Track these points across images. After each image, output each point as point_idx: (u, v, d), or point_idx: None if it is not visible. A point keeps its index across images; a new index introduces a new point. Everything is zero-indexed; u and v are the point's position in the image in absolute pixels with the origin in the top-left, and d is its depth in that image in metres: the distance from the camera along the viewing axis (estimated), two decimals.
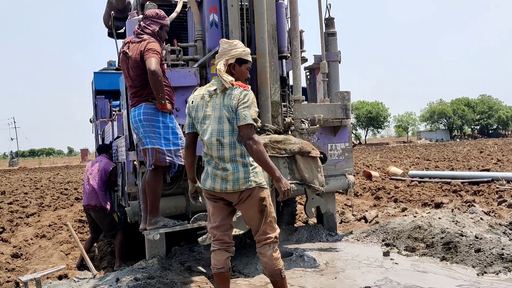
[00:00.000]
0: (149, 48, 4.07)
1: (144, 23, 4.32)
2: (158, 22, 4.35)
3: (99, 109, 9.94)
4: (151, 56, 4.00)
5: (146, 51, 4.05)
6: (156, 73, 3.94)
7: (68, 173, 31.66)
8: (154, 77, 3.95)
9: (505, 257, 4.32)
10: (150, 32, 4.28)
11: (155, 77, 3.94)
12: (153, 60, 3.98)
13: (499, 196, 9.23)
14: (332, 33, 5.88)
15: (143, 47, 4.11)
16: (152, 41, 4.18)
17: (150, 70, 3.94)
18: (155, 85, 3.97)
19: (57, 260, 6.31)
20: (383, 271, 4.36)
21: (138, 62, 4.12)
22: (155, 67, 3.95)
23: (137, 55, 4.13)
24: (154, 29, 4.31)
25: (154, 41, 4.20)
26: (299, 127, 5.26)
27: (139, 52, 4.12)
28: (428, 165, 18.27)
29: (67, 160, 74.78)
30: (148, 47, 4.08)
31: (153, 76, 3.94)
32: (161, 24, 4.37)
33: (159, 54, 4.10)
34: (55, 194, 15.42)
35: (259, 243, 3.29)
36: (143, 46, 4.12)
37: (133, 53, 4.17)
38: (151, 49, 4.06)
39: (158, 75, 3.95)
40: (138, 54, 4.12)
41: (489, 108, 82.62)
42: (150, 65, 3.95)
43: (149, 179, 4.21)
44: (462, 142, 52.61)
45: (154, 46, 4.11)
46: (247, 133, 3.11)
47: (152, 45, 4.11)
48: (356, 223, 7.77)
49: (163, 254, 4.93)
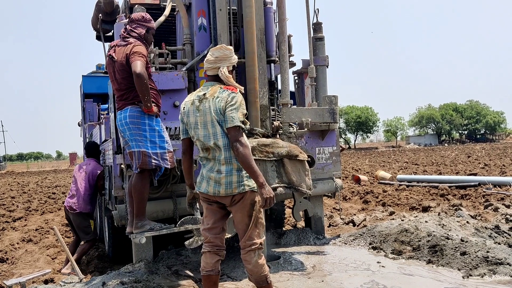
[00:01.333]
0: (134, 51, 4.08)
1: (130, 26, 4.32)
2: (144, 25, 4.35)
3: (87, 113, 9.88)
4: (137, 59, 4.00)
5: (132, 54, 4.05)
6: (142, 75, 3.94)
7: (56, 177, 31.39)
8: (139, 80, 3.95)
9: (490, 260, 4.37)
10: (137, 35, 4.28)
11: (140, 80, 3.95)
12: (139, 63, 3.98)
13: (485, 200, 9.32)
14: (320, 37, 5.92)
15: (128, 50, 4.11)
16: (138, 44, 4.18)
17: (136, 73, 3.94)
18: (141, 88, 3.97)
19: (44, 265, 6.25)
20: (369, 274, 4.38)
21: (124, 65, 4.12)
22: (140, 70, 3.95)
23: (123, 58, 4.13)
24: (140, 32, 4.31)
25: (140, 44, 4.20)
26: (287, 130, 5.29)
27: (124, 56, 4.12)
28: (416, 169, 18.40)
29: (56, 164, 74.15)
30: (134, 50, 4.09)
31: (138, 79, 3.95)
32: (147, 27, 4.37)
33: (144, 57, 4.10)
34: (42, 198, 15.27)
35: (244, 249, 3.27)
36: (129, 49, 4.12)
37: (119, 56, 4.16)
38: (136, 52, 4.07)
39: (144, 77, 3.95)
40: (124, 57, 4.12)
41: (477, 113, 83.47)
42: (136, 68, 3.96)
43: (135, 183, 4.20)
44: (450, 147, 53.08)
45: (140, 49, 4.12)
46: (235, 135, 3.12)
47: (138, 48, 4.12)
48: (344, 226, 7.80)
49: (150, 258, 4.91)
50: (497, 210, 7.99)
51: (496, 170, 15.62)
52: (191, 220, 4.13)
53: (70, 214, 6.06)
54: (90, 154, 6.37)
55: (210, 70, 3.33)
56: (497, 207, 8.15)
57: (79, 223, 6.02)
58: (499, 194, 9.83)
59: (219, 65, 3.30)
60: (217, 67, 3.30)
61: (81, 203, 5.95)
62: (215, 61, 3.30)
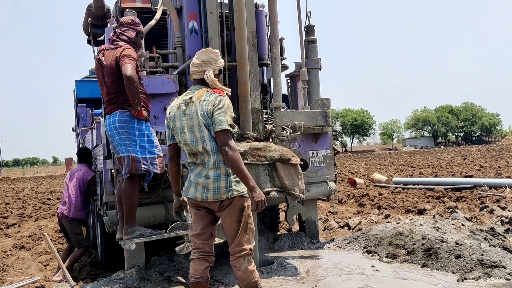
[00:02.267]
0: (125, 54, 4.04)
1: (120, 30, 4.28)
2: (134, 29, 4.32)
3: (81, 118, 9.82)
4: (127, 62, 3.96)
5: (122, 57, 4.01)
6: (132, 78, 3.90)
7: (52, 182, 31.23)
8: (129, 83, 3.90)
9: (485, 263, 4.33)
10: (127, 38, 4.25)
11: (130, 83, 3.90)
12: (129, 66, 3.94)
13: (481, 202, 9.29)
14: (312, 40, 5.90)
15: (118, 53, 4.07)
16: (128, 47, 4.15)
17: (126, 75, 3.90)
18: (131, 91, 3.93)
19: (35, 272, 6.16)
20: (363, 279, 4.33)
21: (114, 68, 4.08)
22: (131, 73, 3.91)
23: (112, 61, 4.09)
24: (130, 36, 4.28)
25: (130, 48, 4.17)
26: (280, 134, 5.25)
27: (114, 59, 4.07)
28: (413, 172, 18.39)
29: (52, 170, 73.78)
30: (124, 53, 4.05)
31: (129, 81, 3.90)
32: (137, 31, 4.34)
33: (134, 60, 4.06)
34: (37, 204, 15.16)
35: (233, 256, 3.21)
36: (118, 52, 4.08)
37: (108, 59, 4.12)
38: (127, 55, 4.03)
39: (134, 80, 3.91)
40: (113, 60, 4.08)
41: (472, 115, 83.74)
42: (126, 71, 3.91)
43: (124, 188, 4.14)
44: (446, 149, 53.15)
45: (130, 53, 4.08)
46: (223, 139, 3.07)
47: (128, 52, 4.08)
48: (340, 230, 7.75)
49: (142, 264, 4.85)
50: (493, 212, 7.96)
51: (492, 172, 15.62)
52: (182, 225, 4.08)
53: (63, 220, 5.99)
54: (82, 159, 6.31)
55: (196, 73, 3.29)
56: (492, 209, 8.12)
57: (72, 230, 5.95)
58: (495, 196, 9.80)
59: (205, 68, 3.25)
60: (203, 71, 3.25)
61: (73, 209, 5.88)
62: (201, 64, 3.26)
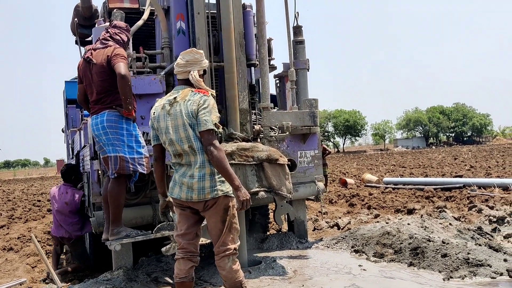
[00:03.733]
0: (117, 53, 4.05)
1: (114, 31, 4.29)
2: (127, 34, 4.39)
3: (70, 119, 9.76)
4: (120, 61, 3.98)
5: (114, 56, 4.02)
6: (126, 77, 3.92)
7: (43, 184, 31.04)
8: (123, 81, 3.92)
9: (470, 262, 4.36)
10: (119, 40, 4.27)
11: (124, 81, 3.92)
12: (122, 65, 3.96)
13: (469, 202, 9.37)
14: (300, 41, 5.91)
15: (110, 52, 4.07)
16: (118, 47, 4.16)
17: (120, 74, 3.91)
18: (124, 89, 3.93)
19: (23, 273, 6.12)
20: (351, 278, 4.35)
21: (105, 67, 4.07)
22: (125, 72, 3.93)
23: (103, 60, 4.08)
24: (123, 39, 4.33)
25: (121, 48, 4.18)
26: (268, 134, 5.25)
27: (105, 58, 4.07)
28: (403, 172, 18.48)
29: (43, 171, 73.30)
30: (116, 52, 4.06)
31: (123, 80, 3.91)
32: (128, 37, 4.41)
33: (126, 60, 4.08)
34: (27, 206, 15.06)
35: (218, 255, 3.21)
36: (110, 51, 4.08)
37: (99, 58, 4.11)
38: (119, 54, 4.05)
39: (128, 79, 3.94)
40: (104, 59, 4.07)
41: (463, 115, 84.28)
42: (120, 70, 3.92)
43: (111, 188, 4.13)
44: (437, 149, 53.46)
45: (122, 52, 4.11)
46: (208, 139, 3.08)
47: (119, 51, 4.10)
48: (329, 230, 7.77)
49: (130, 265, 4.83)
50: (481, 211, 8.03)
51: (482, 172, 15.74)
52: (168, 226, 4.07)
53: (65, 242, 5.99)
54: (66, 179, 6.24)
55: (180, 74, 3.29)
56: (481, 209, 8.19)
57: (76, 250, 6.01)
58: (484, 196, 9.89)
59: (189, 69, 3.26)
60: (187, 71, 3.26)
61: (73, 231, 5.90)
62: (186, 65, 3.26)
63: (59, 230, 5.95)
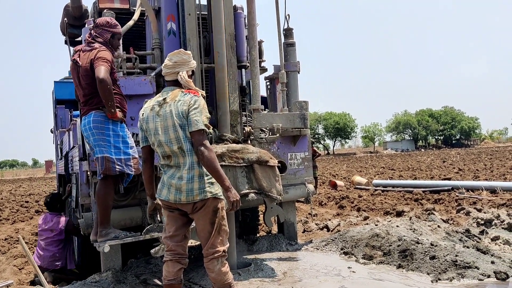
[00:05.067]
0: (99, 56, 4.01)
1: (95, 31, 4.25)
2: (109, 31, 4.29)
3: (59, 119, 9.68)
4: (100, 65, 3.94)
5: (96, 59, 3.99)
6: (105, 81, 3.88)
7: (31, 185, 30.75)
8: (102, 85, 3.89)
9: (458, 264, 4.39)
10: (102, 40, 4.22)
11: (103, 85, 3.88)
12: (102, 69, 3.92)
13: (458, 204, 9.44)
14: (291, 43, 5.92)
15: (93, 55, 4.05)
16: (102, 49, 4.12)
17: (99, 78, 3.88)
18: (104, 93, 3.91)
19: (9, 275, 6.06)
20: (340, 280, 4.36)
21: (88, 70, 4.05)
22: (104, 75, 3.89)
23: (87, 63, 4.06)
24: (106, 38, 4.26)
25: (105, 50, 4.14)
26: (259, 136, 5.25)
27: (89, 61, 4.05)
28: (393, 175, 18.59)
29: (31, 172, 72.59)
30: (98, 55, 4.02)
31: (101, 84, 3.89)
32: (112, 32, 4.31)
33: (109, 63, 4.03)
34: (14, 207, 14.91)
35: (207, 258, 3.20)
36: (93, 54, 4.06)
37: (84, 61, 4.10)
38: (100, 57, 4.00)
39: (107, 83, 3.89)
40: (88, 62, 4.06)
41: (452, 119, 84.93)
42: (99, 74, 3.89)
43: (98, 189, 4.11)
44: (426, 152, 53.85)
45: (104, 55, 4.06)
46: (199, 139, 3.07)
47: (102, 54, 4.05)
48: (319, 232, 7.79)
49: (119, 267, 4.80)
50: (469, 214, 8.09)
51: (470, 175, 15.87)
52: (157, 228, 4.05)
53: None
54: (51, 208, 6.20)
55: (168, 75, 3.28)
56: (469, 211, 8.25)
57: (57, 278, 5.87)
58: (472, 198, 9.97)
59: (178, 69, 3.25)
60: (176, 72, 3.25)
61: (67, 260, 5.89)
62: (174, 66, 3.25)
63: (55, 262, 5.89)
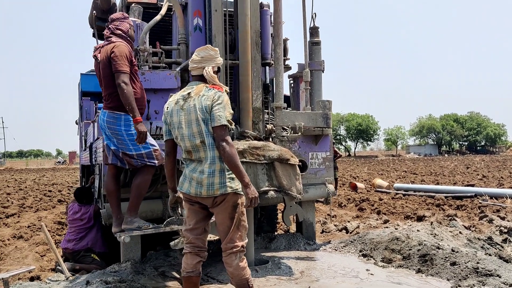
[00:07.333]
0: (116, 55, 4.04)
1: (114, 25, 4.30)
2: (126, 22, 4.37)
3: (84, 111, 9.85)
4: (118, 69, 4.00)
5: (112, 58, 4.03)
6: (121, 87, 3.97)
7: (54, 175, 31.39)
8: (120, 90, 3.98)
9: (479, 271, 4.31)
10: (121, 32, 4.28)
11: (121, 90, 3.98)
12: (121, 75, 3.99)
13: (480, 211, 9.28)
14: (317, 42, 5.90)
15: (110, 48, 4.10)
16: (118, 44, 4.14)
17: (118, 83, 3.98)
18: (123, 99, 3.99)
19: (32, 261, 6.20)
20: (358, 282, 4.33)
21: (106, 64, 4.10)
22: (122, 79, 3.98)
23: (104, 57, 4.12)
24: (125, 28, 4.32)
25: (121, 44, 4.17)
26: (280, 134, 5.25)
27: (106, 54, 4.11)
28: (415, 179, 18.36)
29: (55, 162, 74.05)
30: (114, 50, 4.05)
31: (119, 88, 3.98)
32: (128, 23, 4.38)
33: (126, 60, 4.06)
34: (38, 195, 15.24)
35: (225, 252, 3.22)
36: (110, 48, 4.10)
37: (102, 56, 4.16)
38: (117, 56, 4.03)
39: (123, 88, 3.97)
40: (105, 56, 4.11)
41: (477, 124, 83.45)
42: (117, 80, 3.99)
43: (135, 178, 4.23)
44: (450, 158, 53.02)
45: (120, 51, 4.07)
46: (221, 134, 3.09)
47: (117, 49, 4.07)
48: (337, 233, 7.75)
49: (138, 258, 4.86)
50: (492, 221, 7.95)
51: (494, 182, 15.57)
52: (178, 220, 4.09)
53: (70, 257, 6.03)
54: (79, 200, 6.29)
55: (195, 70, 3.31)
56: (492, 219, 8.11)
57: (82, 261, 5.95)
58: (495, 206, 9.78)
59: (204, 65, 3.27)
60: (202, 67, 3.28)
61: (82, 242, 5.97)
62: (201, 61, 3.28)
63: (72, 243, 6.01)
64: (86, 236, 5.94)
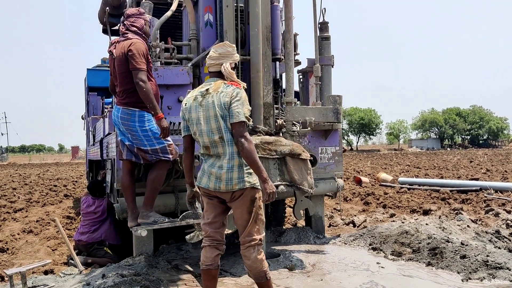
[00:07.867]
0: (133, 52, 4.06)
1: (129, 21, 4.32)
2: (141, 18, 4.39)
3: (91, 106, 9.91)
4: (136, 67, 4.03)
5: (130, 56, 4.05)
6: (139, 85, 4.00)
7: (58, 170, 31.46)
8: (139, 88, 4.02)
9: (489, 264, 4.36)
10: (136, 29, 4.30)
11: (139, 88, 4.01)
12: (138, 73, 4.02)
13: (486, 205, 9.31)
14: (326, 37, 5.92)
15: (127, 45, 4.12)
16: (135, 41, 4.17)
17: (136, 81, 4.02)
18: (145, 97, 4.02)
19: (44, 256, 6.26)
20: (369, 275, 4.38)
21: (123, 60, 4.13)
22: (140, 77, 4.00)
23: (121, 54, 4.14)
24: (141, 24, 4.34)
25: (138, 41, 4.19)
26: (291, 129, 5.29)
27: (123, 51, 4.13)
28: (418, 173, 18.37)
29: (58, 157, 74.22)
30: (132, 50, 4.07)
31: (138, 86, 4.02)
32: (144, 19, 4.41)
33: (143, 57, 4.09)
34: (43, 190, 15.30)
35: (243, 245, 3.27)
36: (127, 44, 4.13)
37: (118, 51, 4.18)
38: (134, 54, 4.05)
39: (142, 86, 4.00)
40: (122, 53, 4.13)
41: (480, 118, 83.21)
42: (135, 78, 4.03)
43: (150, 172, 4.30)
44: (452, 151, 52.97)
45: (137, 48, 4.10)
46: (240, 131, 3.13)
47: (134, 47, 4.09)
48: (345, 227, 7.80)
49: (151, 252, 4.92)
50: (498, 215, 7.99)
51: (498, 176, 15.59)
52: (193, 214, 4.15)
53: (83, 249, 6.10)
54: (92, 193, 6.37)
55: (212, 66, 3.35)
56: (498, 212, 8.14)
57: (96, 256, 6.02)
58: (500, 200, 9.81)
59: (222, 61, 3.32)
60: (219, 63, 3.32)
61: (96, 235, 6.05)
62: (218, 57, 3.32)
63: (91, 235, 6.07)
64: (99, 229, 6.02)
